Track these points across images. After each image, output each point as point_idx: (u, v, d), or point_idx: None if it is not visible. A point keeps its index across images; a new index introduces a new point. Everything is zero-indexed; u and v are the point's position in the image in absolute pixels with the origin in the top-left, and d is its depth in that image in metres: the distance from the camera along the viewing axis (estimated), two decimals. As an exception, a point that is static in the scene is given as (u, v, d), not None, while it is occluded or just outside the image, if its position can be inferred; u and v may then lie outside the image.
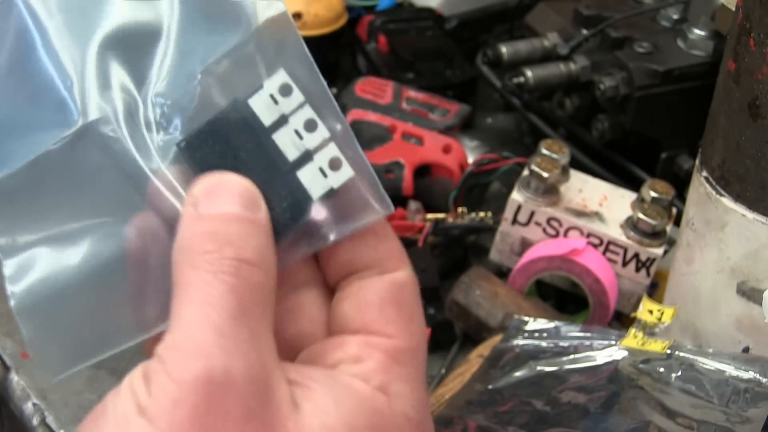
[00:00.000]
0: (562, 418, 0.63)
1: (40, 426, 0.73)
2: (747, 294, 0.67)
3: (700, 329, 0.71)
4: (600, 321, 0.80)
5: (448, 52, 1.10)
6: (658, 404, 0.63)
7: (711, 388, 0.63)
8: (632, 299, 0.81)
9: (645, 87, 0.90)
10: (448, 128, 0.98)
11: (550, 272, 0.80)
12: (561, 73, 0.96)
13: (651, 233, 0.80)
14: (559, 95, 0.99)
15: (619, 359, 0.67)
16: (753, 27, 0.61)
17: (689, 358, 0.65)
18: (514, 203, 0.82)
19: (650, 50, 0.91)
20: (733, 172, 0.65)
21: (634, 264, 0.81)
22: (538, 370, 0.67)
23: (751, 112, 0.62)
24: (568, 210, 0.82)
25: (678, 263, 0.73)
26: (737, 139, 0.64)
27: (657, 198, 0.82)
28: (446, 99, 1.01)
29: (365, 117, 0.97)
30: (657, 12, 0.96)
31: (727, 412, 0.61)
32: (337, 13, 1.10)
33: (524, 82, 0.96)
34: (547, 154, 0.83)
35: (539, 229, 0.82)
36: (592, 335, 0.69)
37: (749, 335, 0.68)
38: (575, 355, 0.68)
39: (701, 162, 0.69)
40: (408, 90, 1.00)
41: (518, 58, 1.00)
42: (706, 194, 0.68)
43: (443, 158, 0.92)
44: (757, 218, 0.65)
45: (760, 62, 0.61)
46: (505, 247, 0.84)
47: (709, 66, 0.89)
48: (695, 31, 0.91)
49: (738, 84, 0.63)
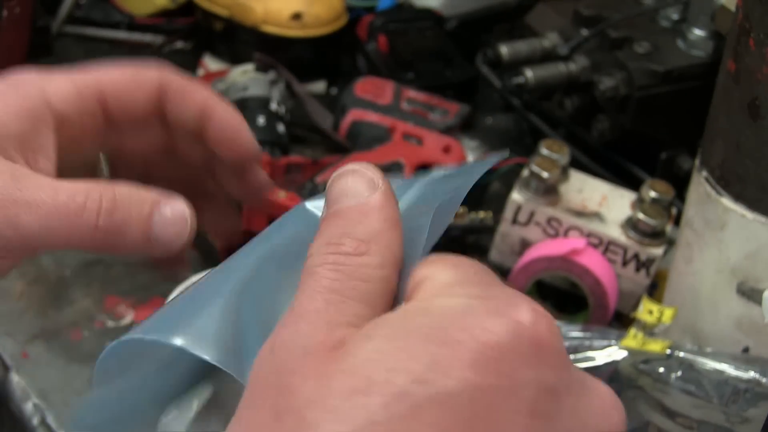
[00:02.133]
0: (562, 418, 0.63)
1: (40, 426, 0.73)
2: (747, 294, 0.67)
3: (700, 329, 0.71)
4: (600, 321, 0.80)
5: (448, 52, 1.10)
6: (658, 404, 0.63)
7: (711, 388, 0.63)
8: (632, 299, 0.81)
9: (645, 87, 0.90)
10: (448, 128, 0.98)
11: (550, 272, 0.80)
12: (561, 73, 0.96)
13: (651, 233, 0.80)
14: (559, 95, 0.99)
15: (619, 359, 0.67)
16: (753, 27, 0.61)
17: (689, 358, 0.65)
18: (514, 203, 0.82)
19: (650, 50, 0.91)
20: (733, 172, 0.65)
21: (634, 264, 0.81)
22: (538, 370, 0.67)
23: (751, 112, 0.62)
24: (568, 210, 0.82)
25: (678, 263, 0.73)
26: (737, 139, 0.64)
27: (657, 198, 0.82)
28: (446, 99, 1.01)
29: (365, 117, 0.97)
30: (657, 12, 0.96)
31: (726, 412, 0.61)
32: (337, 13, 1.10)
33: (524, 82, 0.96)
34: (547, 154, 0.83)
35: (539, 229, 0.82)
36: (592, 335, 0.69)
37: (749, 335, 0.68)
38: (575, 355, 0.68)
39: (701, 162, 0.69)
40: (408, 90, 1.00)
41: (518, 58, 1.00)
42: (706, 194, 0.68)
43: (443, 158, 0.92)
44: (757, 218, 0.65)
45: (760, 62, 0.61)
46: (505, 247, 0.84)
47: (709, 66, 0.89)
48: (695, 31, 0.91)
49: (738, 84, 0.63)
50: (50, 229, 0.39)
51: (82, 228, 0.39)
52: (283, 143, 0.96)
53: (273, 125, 0.96)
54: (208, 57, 1.13)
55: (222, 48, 1.12)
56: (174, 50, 1.17)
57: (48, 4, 1.12)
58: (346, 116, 0.98)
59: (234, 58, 1.09)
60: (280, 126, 0.97)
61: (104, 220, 0.40)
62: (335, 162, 0.91)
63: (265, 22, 1.07)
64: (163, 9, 1.17)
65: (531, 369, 0.30)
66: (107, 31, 1.17)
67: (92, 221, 0.39)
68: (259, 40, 1.07)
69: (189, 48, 1.17)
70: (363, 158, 0.90)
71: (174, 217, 0.41)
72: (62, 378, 0.74)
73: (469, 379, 0.29)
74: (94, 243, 0.40)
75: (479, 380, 0.29)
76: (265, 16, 1.07)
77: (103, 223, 0.39)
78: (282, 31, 1.07)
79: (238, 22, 1.08)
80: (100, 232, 0.39)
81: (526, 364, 0.30)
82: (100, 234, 0.40)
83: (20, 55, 0.93)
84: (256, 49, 1.03)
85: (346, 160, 0.91)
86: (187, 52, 1.16)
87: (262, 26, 1.07)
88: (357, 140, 0.96)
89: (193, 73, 1.11)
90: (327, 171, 0.89)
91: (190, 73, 1.11)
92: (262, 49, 1.04)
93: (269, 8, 1.07)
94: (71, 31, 1.17)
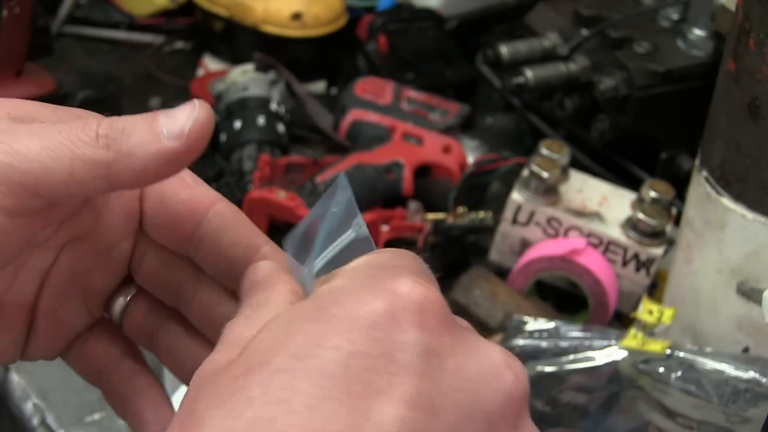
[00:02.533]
0: (562, 418, 0.64)
1: (40, 426, 0.73)
2: (747, 294, 0.67)
3: (700, 329, 0.71)
4: (600, 321, 0.80)
5: (448, 52, 1.10)
6: (658, 404, 0.63)
7: (711, 388, 0.63)
8: (632, 299, 0.81)
9: (645, 87, 0.90)
10: (448, 128, 0.98)
11: (550, 272, 0.80)
12: (561, 73, 0.96)
13: (651, 233, 0.80)
14: (559, 95, 0.99)
15: (619, 359, 0.67)
16: (753, 27, 0.61)
17: (689, 358, 0.65)
18: (514, 203, 0.82)
19: (650, 50, 0.91)
20: (733, 172, 0.65)
21: (634, 264, 0.81)
22: (538, 370, 0.67)
23: (751, 112, 0.62)
24: (568, 210, 0.82)
25: (678, 263, 0.74)
26: (737, 139, 0.64)
27: (657, 198, 0.82)
28: (446, 99, 1.01)
29: (365, 117, 0.97)
30: (657, 12, 0.96)
31: (726, 412, 0.61)
32: (337, 13, 1.10)
33: (524, 82, 0.96)
34: (547, 154, 0.83)
35: (539, 229, 0.82)
36: (592, 335, 0.69)
37: (749, 335, 0.68)
38: (575, 355, 0.68)
39: (701, 162, 0.69)
40: (408, 90, 1.00)
41: (518, 58, 1.00)
42: (705, 194, 0.68)
43: (443, 158, 0.92)
44: (757, 218, 0.65)
45: (760, 62, 0.61)
46: (505, 247, 0.84)
47: (709, 66, 0.89)
48: (695, 32, 0.91)
49: (738, 84, 0.63)
50: (51, 149, 0.36)
51: (84, 140, 0.36)
52: (283, 143, 0.96)
53: (273, 125, 0.96)
54: (208, 57, 1.13)
55: (222, 48, 1.12)
56: (174, 50, 1.17)
57: (48, 4, 1.12)
58: (346, 116, 0.98)
59: (234, 58, 1.09)
60: (280, 126, 0.97)
61: (104, 128, 0.37)
62: (335, 162, 0.91)
63: (265, 22, 1.07)
64: (163, 9, 1.17)
65: (408, 334, 0.32)
66: (107, 31, 1.17)
67: (93, 131, 0.37)
68: (259, 40, 1.07)
69: (189, 48, 1.17)
70: (363, 158, 0.90)
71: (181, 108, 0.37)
72: (62, 378, 0.74)
73: (342, 347, 0.31)
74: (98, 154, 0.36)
75: (352, 347, 0.31)
76: (265, 16, 1.07)
77: (104, 131, 0.37)
78: (282, 31, 1.07)
79: (238, 22, 1.09)
80: (101, 138, 0.36)
81: (402, 330, 0.32)
82: (102, 140, 0.36)
83: (20, 55, 0.93)
84: (256, 49, 1.03)
85: (346, 160, 0.91)
86: (187, 52, 1.16)
87: (262, 26, 1.08)
88: (357, 140, 0.96)
89: (193, 73, 1.11)
90: (327, 171, 0.89)
91: (190, 73, 1.11)
92: (262, 49, 1.04)
93: (269, 8, 1.07)
94: (71, 31, 1.17)
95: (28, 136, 0.36)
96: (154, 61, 1.14)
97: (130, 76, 1.12)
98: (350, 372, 0.30)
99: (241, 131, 0.94)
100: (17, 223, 0.36)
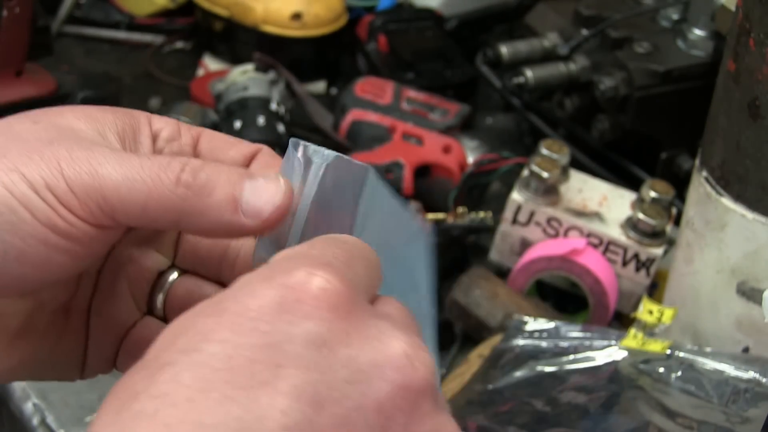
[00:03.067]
0: (562, 419, 0.63)
1: (40, 426, 0.73)
2: (747, 294, 0.67)
3: (700, 329, 0.71)
4: (600, 321, 0.80)
5: (448, 52, 1.10)
6: (658, 404, 0.63)
7: (711, 388, 0.63)
8: (632, 299, 0.81)
9: (645, 87, 0.90)
10: (448, 128, 0.98)
11: (550, 272, 0.80)
12: (561, 73, 0.96)
13: (651, 233, 0.80)
14: (559, 95, 0.99)
15: (619, 359, 0.67)
16: (753, 27, 0.61)
17: (689, 358, 0.65)
18: (514, 203, 0.82)
19: (650, 50, 0.91)
20: (733, 172, 0.65)
21: (634, 264, 0.81)
22: (538, 370, 0.67)
23: (751, 112, 0.62)
24: (568, 210, 0.82)
25: (678, 263, 0.74)
26: (737, 139, 0.64)
27: (657, 198, 0.82)
28: (446, 99, 1.01)
29: (365, 117, 0.97)
30: (657, 12, 0.96)
31: (727, 412, 0.61)
32: (337, 13, 1.10)
33: (524, 82, 0.96)
34: (547, 154, 0.83)
35: (539, 229, 0.82)
36: (592, 335, 0.69)
37: (749, 335, 0.68)
38: (575, 356, 0.68)
39: (701, 162, 0.69)
40: (408, 90, 1.00)
41: (518, 58, 1.00)
42: (706, 194, 0.68)
43: (443, 158, 0.92)
44: (757, 218, 0.65)
45: (760, 62, 0.61)
46: (505, 247, 0.84)
47: (709, 66, 0.89)
48: (695, 32, 0.91)
49: (738, 84, 0.63)
50: (132, 181, 0.36)
51: (164, 182, 0.36)
52: (283, 143, 0.96)
53: (273, 125, 0.96)
54: (208, 57, 1.13)
55: (222, 48, 1.12)
56: (174, 50, 1.17)
57: (48, 4, 1.12)
58: (346, 116, 0.98)
59: (234, 58, 1.09)
60: (280, 126, 0.97)
61: (187, 174, 0.37)
62: (335, 162, 0.91)
63: (265, 22, 1.07)
64: (163, 9, 1.17)
65: (297, 325, 0.32)
66: (107, 31, 1.17)
67: (174, 174, 0.37)
68: (259, 40, 1.07)
69: (189, 48, 1.17)
70: (363, 158, 0.90)
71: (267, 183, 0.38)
72: (62, 378, 0.74)
73: (227, 341, 0.31)
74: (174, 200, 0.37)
75: (238, 340, 0.31)
76: (265, 16, 1.07)
77: (186, 178, 0.37)
78: (282, 31, 1.07)
79: (238, 22, 1.09)
80: (181, 186, 0.36)
81: (292, 322, 0.32)
82: (181, 189, 0.36)
83: (20, 55, 0.93)
84: (256, 49, 1.03)
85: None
86: (187, 52, 1.16)
87: (262, 26, 1.08)
88: (357, 140, 0.96)
89: (194, 73, 1.11)
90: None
91: (191, 73, 1.11)
92: (262, 49, 1.04)
93: (269, 8, 1.07)
94: (71, 31, 1.17)
95: (114, 164, 0.37)
96: (154, 61, 1.14)
97: (130, 76, 1.12)
98: (234, 364, 0.30)
99: (241, 131, 0.94)
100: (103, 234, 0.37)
